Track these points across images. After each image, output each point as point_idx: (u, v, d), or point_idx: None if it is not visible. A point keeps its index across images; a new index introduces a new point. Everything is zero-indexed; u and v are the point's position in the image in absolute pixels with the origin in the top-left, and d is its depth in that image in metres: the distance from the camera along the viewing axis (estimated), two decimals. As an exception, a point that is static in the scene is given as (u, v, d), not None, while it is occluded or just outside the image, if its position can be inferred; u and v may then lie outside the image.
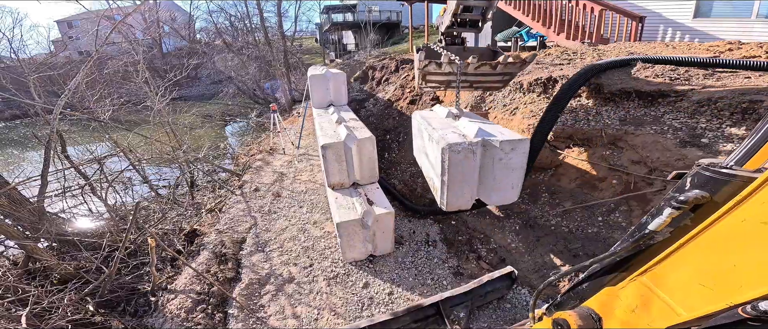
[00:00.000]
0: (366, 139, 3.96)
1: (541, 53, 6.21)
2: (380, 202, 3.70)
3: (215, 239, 4.25)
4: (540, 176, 4.12)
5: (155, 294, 3.48)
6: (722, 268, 0.79)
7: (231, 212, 4.97)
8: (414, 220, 4.58)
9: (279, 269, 3.68)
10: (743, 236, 0.76)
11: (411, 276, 3.55)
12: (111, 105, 6.73)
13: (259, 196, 5.47)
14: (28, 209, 4.31)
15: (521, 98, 4.85)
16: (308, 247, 4.04)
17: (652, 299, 0.96)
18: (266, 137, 9.61)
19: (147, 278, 3.76)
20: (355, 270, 3.63)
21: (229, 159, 9.82)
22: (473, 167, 2.95)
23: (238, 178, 6.57)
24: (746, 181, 0.80)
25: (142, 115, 8.67)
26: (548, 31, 8.26)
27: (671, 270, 0.94)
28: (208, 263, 3.77)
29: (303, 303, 3.21)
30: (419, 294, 3.30)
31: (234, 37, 19.76)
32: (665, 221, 0.94)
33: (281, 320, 3.03)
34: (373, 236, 3.61)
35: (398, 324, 2.77)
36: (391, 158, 6.28)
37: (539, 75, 4.61)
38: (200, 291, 3.37)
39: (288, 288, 3.40)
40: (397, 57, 11.13)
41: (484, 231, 4.14)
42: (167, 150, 6.80)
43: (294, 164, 6.83)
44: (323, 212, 4.84)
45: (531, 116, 4.42)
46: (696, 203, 0.89)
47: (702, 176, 0.90)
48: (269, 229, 4.48)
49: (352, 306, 3.16)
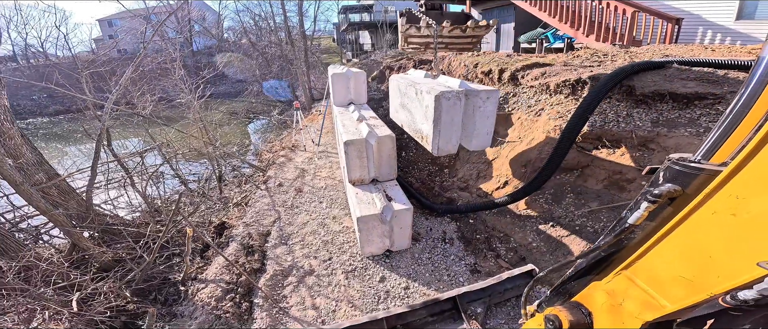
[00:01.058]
0: (386, 137, 4.06)
1: (570, 55, 6.12)
2: (399, 198, 3.79)
3: (243, 231, 4.48)
4: (566, 176, 4.07)
5: (185, 284, 3.64)
6: (699, 260, 0.82)
7: (256, 206, 5.22)
8: (431, 218, 4.64)
9: (300, 261, 3.86)
10: (715, 228, 0.79)
11: (427, 272, 3.62)
12: (151, 101, 7.16)
13: (282, 191, 5.71)
14: (75, 200, 4.71)
15: (548, 100, 4.78)
16: (328, 241, 4.20)
17: (637, 292, 0.99)
18: (288, 135, 9.92)
19: (177, 268, 4.00)
20: (372, 264, 3.74)
21: (253, 155, 10.22)
22: (459, 113, 3.51)
23: (262, 173, 6.85)
24: (713, 174, 0.83)
25: (175, 111, 9.17)
26: (576, 33, 8.04)
27: (653, 263, 0.96)
28: (237, 254, 3.98)
29: (322, 295, 3.35)
30: (435, 289, 3.36)
31: (258, 37, 20.37)
32: (643, 215, 0.96)
33: (301, 310, 3.18)
34: (391, 232, 3.71)
35: (414, 316, 2.82)
36: (408, 157, 6.34)
37: (567, 77, 4.53)
38: (229, 281, 3.55)
39: (308, 280, 3.56)
40: (414, 57, 11.14)
41: (503, 230, 4.13)
42: (199, 146, 7.19)
43: (314, 160, 7.04)
44: (342, 208, 4.99)
45: (557, 117, 4.36)
46: (670, 197, 0.91)
47: (673, 170, 0.93)
48: (292, 223, 4.69)
49: (368, 299, 3.27)
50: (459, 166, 5.65)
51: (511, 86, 5.57)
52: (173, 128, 7.05)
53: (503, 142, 5.15)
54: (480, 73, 6.32)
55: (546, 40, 9.91)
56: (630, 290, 1.01)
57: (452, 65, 7.72)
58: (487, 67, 6.14)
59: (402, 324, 2.77)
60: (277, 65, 17.45)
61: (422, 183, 5.49)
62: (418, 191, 5.20)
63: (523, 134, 4.84)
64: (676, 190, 0.90)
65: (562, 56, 6.23)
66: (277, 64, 17.49)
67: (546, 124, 4.46)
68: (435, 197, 5.09)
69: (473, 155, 5.53)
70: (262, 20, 20.30)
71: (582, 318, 1.14)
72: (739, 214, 0.74)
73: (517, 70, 5.45)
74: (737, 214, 0.74)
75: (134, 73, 5.30)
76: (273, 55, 18.27)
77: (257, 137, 13.89)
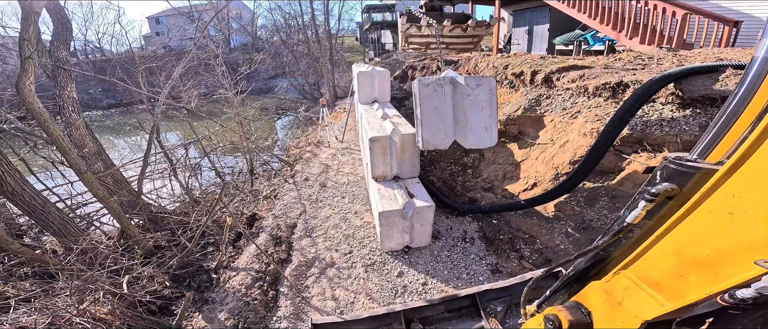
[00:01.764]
0: (410, 134, 4.12)
1: (611, 58, 5.88)
2: (421, 195, 3.84)
3: (272, 223, 4.73)
4: (600, 179, 3.95)
5: (217, 272, 3.86)
6: (698, 258, 0.82)
7: (284, 199, 5.48)
8: (451, 217, 4.64)
9: (323, 254, 4.02)
10: (712, 226, 0.79)
11: (446, 269, 3.65)
12: (196, 96, 7.65)
13: (308, 185, 5.94)
14: (127, 189, 5.18)
15: (585, 102, 4.65)
16: (349, 235, 4.34)
17: (636, 291, 0.99)
18: (313, 131, 10.23)
19: (210, 257, 4.27)
20: (390, 259, 3.83)
21: (280, 150, 10.65)
22: (444, 103, 3.31)
23: (290, 168, 7.15)
24: (709, 173, 0.83)
25: (213, 106, 9.73)
26: (619, 35, 7.65)
27: (651, 262, 0.96)
28: (266, 244, 4.21)
29: (341, 287, 3.48)
30: (453, 286, 3.39)
31: (288, 35, 21.00)
32: (641, 214, 0.97)
33: (322, 301, 3.33)
34: (411, 228, 3.77)
35: (432, 311, 2.85)
36: (430, 156, 6.36)
37: (608, 79, 4.38)
38: (258, 270, 3.75)
39: (329, 272, 3.71)
40: (438, 58, 11.03)
41: (529, 232, 4.07)
42: (235, 140, 7.61)
43: (337, 157, 7.25)
44: (363, 204, 5.11)
45: (595, 120, 4.23)
46: (667, 196, 0.92)
47: (669, 169, 0.94)
48: (316, 216, 4.89)
49: (386, 293, 3.36)
50: (484, 167, 5.60)
51: (545, 88, 5.43)
52: (217, 123, 7.50)
53: (533, 144, 5.06)
54: (510, 75, 6.20)
55: (585, 42, 9.64)
56: (629, 289, 1.01)
57: (479, 66, 7.60)
58: (518, 69, 6.01)
59: (419, 318, 2.83)
60: (305, 63, 17.95)
61: (444, 183, 5.49)
62: (439, 190, 5.21)
63: (556, 137, 4.74)
64: (673, 189, 0.91)
65: (602, 59, 5.99)
66: (304, 62, 17.99)
67: (582, 127, 4.33)
68: (457, 197, 5.08)
69: (499, 156, 5.46)
70: (291, 18, 20.94)
71: (582, 318, 1.15)
72: (735, 213, 0.74)
73: (552, 72, 5.32)
74: (734, 213, 0.74)
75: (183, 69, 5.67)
76: (300, 53, 18.80)
77: (284, 132, 14.40)
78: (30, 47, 3.65)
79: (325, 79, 16.50)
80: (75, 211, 4.95)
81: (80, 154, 4.25)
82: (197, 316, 3.26)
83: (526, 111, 5.30)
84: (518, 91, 6.01)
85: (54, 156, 4.96)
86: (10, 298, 3.05)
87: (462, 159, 5.95)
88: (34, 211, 3.59)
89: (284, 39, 20.73)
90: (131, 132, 15.44)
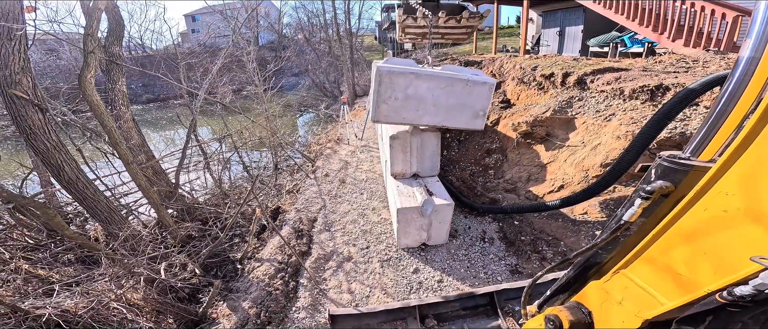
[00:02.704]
0: (431, 133, 4.12)
1: (651, 60, 5.67)
2: (440, 194, 3.84)
3: (294, 216, 4.90)
4: (633, 182, 3.82)
5: (242, 262, 4.03)
6: (695, 257, 0.82)
7: (306, 194, 5.65)
8: (470, 217, 4.60)
9: (341, 248, 4.12)
10: (708, 224, 0.80)
11: (463, 268, 3.64)
12: (230, 91, 7.98)
13: (328, 181, 6.08)
14: (165, 180, 5.50)
15: (620, 105, 4.49)
16: (366, 231, 4.41)
17: (635, 290, 0.99)
18: (333, 128, 10.41)
19: (235, 248, 4.47)
20: (406, 255, 3.86)
21: (301, 146, 10.91)
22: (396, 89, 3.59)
23: (312, 164, 7.34)
24: (702, 170, 0.85)
25: (244, 101, 10.13)
26: (660, 37, 7.23)
27: (650, 261, 0.96)
28: (289, 236, 4.37)
29: (358, 281, 3.56)
30: (470, 285, 3.38)
31: (310, 33, 21.41)
32: (637, 212, 0.98)
33: (338, 293, 3.43)
34: (429, 226, 3.78)
35: (447, 307, 2.82)
36: (450, 155, 6.31)
37: (646, 82, 4.21)
38: (281, 261, 3.90)
39: (346, 266, 3.80)
40: (460, 58, 10.89)
41: (553, 234, 3.97)
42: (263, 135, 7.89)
43: (356, 154, 7.37)
44: (381, 200, 5.18)
45: (631, 123, 4.08)
46: (662, 193, 0.93)
47: (663, 167, 0.95)
48: (335, 211, 5.00)
49: (401, 288, 3.40)
50: (507, 168, 5.51)
51: (577, 90, 5.29)
52: (249, 118, 7.83)
53: (562, 146, 4.93)
54: (539, 76, 6.08)
55: (622, 44, 9.29)
56: (629, 288, 1.01)
57: (505, 67, 7.47)
58: (548, 70, 5.88)
59: (433, 314, 2.83)
60: (326, 61, 18.26)
61: (463, 183, 5.44)
62: (458, 189, 5.18)
63: (587, 139, 4.62)
64: (667, 186, 0.92)
65: (640, 61, 5.73)
66: (325, 60, 18.30)
67: (616, 129, 4.19)
68: (477, 197, 5.02)
69: (524, 157, 5.36)
70: (314, 17, 21.32)
71: (582, 318, 1.15)
72: (730, 210, 0.75)
73: (586, 74, 5.18)
74: (728, 210, 0.75)
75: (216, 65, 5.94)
76: (322, 52, 19.13)
77: (305, 129, 14.72)
78: (92, 42, 3.90)
79: (346, 78, 16.70)
80: (118, 200, 5.30)
81: (127, 146, 4.52)
82: (222, 304, 3.43)
83: (556, 113, 5.17)
84: (547, 92, 5.89)
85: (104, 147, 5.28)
86: (55, 283, 3.29)
87: (484, 160, 5.86)
88: (85, 199, 3.84)
89: (307, 37, 21.16)
90: (167, 126, 16.36)
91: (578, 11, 11.23)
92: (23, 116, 3.32)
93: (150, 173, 5.05)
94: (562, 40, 12.42)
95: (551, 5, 12.39)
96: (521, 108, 6.08)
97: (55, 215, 3.64)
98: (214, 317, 3.29)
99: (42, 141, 3.45)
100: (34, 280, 3.38)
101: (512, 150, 5.58)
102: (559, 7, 12.16)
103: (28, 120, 3.35)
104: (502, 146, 5.85)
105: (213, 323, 3.21)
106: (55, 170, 3.61)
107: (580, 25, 11.45)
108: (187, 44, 33.54)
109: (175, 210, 5.13)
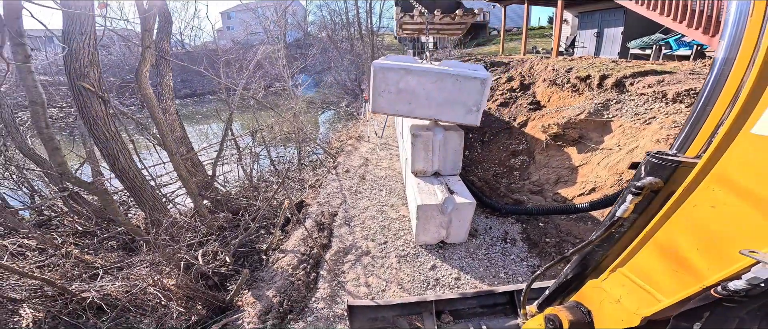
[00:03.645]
0: (454, 132, 4.09)
1: (699, 63, 5.52)
2: (462, 192, 3.81)
3: (317, 210, 5.03)
4: None
5: (268, 253, 4.17)
6: (688, 252, 0.84)
7: (328, 189, 5.79)
8: (492, 217, 4.52)
9: (359, 242, 4.19)
10: (698, 220, 0.82)
11: (482, 267, 3.59)
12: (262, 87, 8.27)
13: (349, 177, 6.19)
14: (202, 172, 5.76)
15: (662, 108, 4.35)
16: (384, 226, 4.46)
17: (633, 288, 0.99)
18: (354, 125, 10.53)
19: (261, 239, 4.60)
20: (424, 252, 3.86)
21: (322, 142, 11.11)
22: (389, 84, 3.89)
23: (333, 160, 7.48)
24: (688, 166, 0.87)
25: (272, 98, 10.47)
26: (712, 40, 6.75)
27: (645, 259, 0.97)
28: (311, 229, 4.49)
29: (374, 275, 3.61)
30: (489, 284, 3.34)
31: (333, 31, 21.69)
32: (629, 208, 1.00)
33: (356, 286, 3.50)
34: (449, 224, 3.75)
35: (464, 304, 2.78)
36: (472, 156, 6.24)
37: (692, 85, 4.06)
38: (303, 253, 4.02)
39: (364, 260, 3.86)
40: (485, 59, 10.64)
41: (581, 237, 3.85)
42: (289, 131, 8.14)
43: (376, 151, 7.44)
44: (399, 198, 5.21)
45: (673, 127, 3.94)
46: (652, 189, 0.95)
47: (652, 163, 0.97)
48: (355, 206, 5.09)
49: (418, 284, 3.41)
50: (533, 170, 5.39)
51: (615, 92, 5.14)
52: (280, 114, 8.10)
53: (596, 148, 4.76)
54: (574, 78, 5.96)
55: (666, 46, 8.89)
56: (626, 286, 1.02)
57: (535, 69, 7.31)
58: (584, 72, 5.77)
59: (450, 310, 2.81)
60: (348, 59, 18.44)
61: (486, 183, 5.35)
62: (479, 190, 5.11)
63: (623, 142, 4.48)
64: (656, 182, 0.94)
65: (687, 64, 5.53)
66: (347, 59, 18.49)
67: (656, 133, 4.03)
68: (500, 198, 4.94)
69: (553, 159, 5.22)
70: (337, 15, 21.58)
71: (582, 317, 1.15)
72: (718, 206, 0.77)
73: (625, 76, 5.04)
74: (716, 206, 0.78)
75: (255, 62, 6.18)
76: (344, 50, 19.33)
77: (326, 126, 14.95)
78: (149, 38, 4.15)
79: (366, 76, 16.74)
80: (160, 189, 5.62)
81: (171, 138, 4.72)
82: (247, 293, 3.58)
83: (591, 115, 5.08)
84: (582, 94, 5.81)
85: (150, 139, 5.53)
86: (99, 268, 3.53)
87: (509, 161, 5.74)
88: (134, 188, 4.05)
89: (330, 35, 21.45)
90: (202, 120, 17.18)
91: (618, 12, 10.96)
92: (88, 107, 3.51)
93: (189, 165, 5.28)
94: (599, 42, 12.16)
95: (589, 6, 12.11)
96: (552, 110, 5.98)
97: (113, 202, 3.89)
98: (239, 305, 3.43)
99: (102, 131, 3.66)
100: (81, 264, 3.65)
101: (540, 152, 5.48)
102: (597, 8, 11.86)
103: (92, 110, 3.54)
104: (530, 148, 5.72)
105: (238, 310, 3.35)
106: (111, 158, 3.81)
107: (620, 26, 11.17)
108: (222, 41, 34.99)
109: (209, 201, 5.39)
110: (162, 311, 3.16)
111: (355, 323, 2.81)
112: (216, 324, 3.16)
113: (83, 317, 3.00)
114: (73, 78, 3.39)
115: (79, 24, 3.27)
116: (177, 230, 3.76)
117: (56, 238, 4.10)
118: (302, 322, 3.10)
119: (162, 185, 5.73)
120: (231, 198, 5.39)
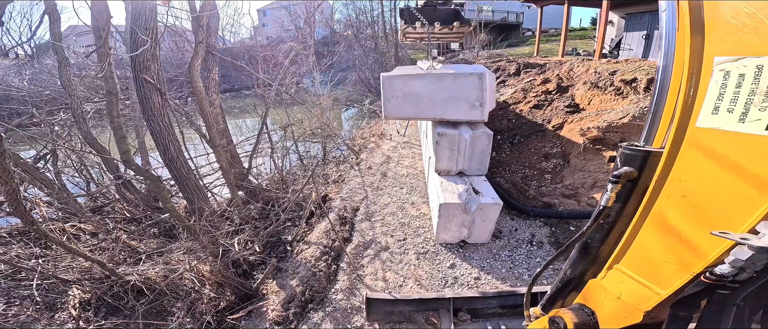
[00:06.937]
0: (481, 132, 4.01)
1: None
2: (487, 193, 3.72)
3: (339, 205, 5.14)
4: None
5: (293, 244, 4.31)
6: (672, 242, 0.86)
7: (350, 184, 5.89)
8: (517, 219, 4.38)
9: (379, 237, 4.23)
10: (673, 210, 0.86)
11: (504, 268, 3.50)
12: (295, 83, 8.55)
13: (371, 173, 6.25)
14: (239, 164, 6.03)
15: None
16: (404, 223, 4.46)
17: (631, 283, 1.00)
18: (377, 123, 10.57)
19: (287, 231, 4.72)
20: (444, 250, 3.82)
21: (344, 139, 11.23)
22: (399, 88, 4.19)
23: (356, 156, 7.58)
24: (657, 155, 0.92)
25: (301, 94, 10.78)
26: None
27: (637, 253, 1.00)
28: (334, 223, 4.58)
29: (392, 270, 3.63)
30: (510, 285, 3.24)
31: (358, 29, 21.78)
32: (611, 197, 1.04)
33: (374, 280, 3.53)
34: (472, 223, 3.68)
35: (483, 303, 2.75)
36: (500, 158, 6.07)
37: None
38: (326, 245, 4.12)
39: (383, 255, 3.89)
40: (518, 60, 10.22)
41: None
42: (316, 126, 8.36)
43: (398, 149, 7.46)
44: (420, 196, 5.18)
45: None
46: (627, 178, 1.00)
47: (625, 154, 1.03)
48: (376, 202, 5.13)
49: (436, 281, 3.38)
50: (567, 173, 5.16)
51: None
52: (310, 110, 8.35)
53: None
54: (618, 81, 5.75)
55: None
56: (624, 282, 1.03)
57: (575, 71, 7.03)
58: (630, 75, 5.57)
59: (468, 308, 2.77)
60: (372, 58, 18.46)
61: (513, 185, 5.19)
62: (506, 191, 4.97)
63: None
64: (631, 171, 0.99)
65: None
66: (371, 57, 18.52)
67: None
68: (528, 201, 4.77)
69: (590, 163, 5.00)
70: (362, 13, 21.59)
71: (586, 319, 1.16)
72: (687, 195, 0.82)
73: None
74: (686, 195, 0.82)
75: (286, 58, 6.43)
76: (369, 48, 19.34)
77: (349, 123, 15.03)
78: (202, 33, 4.37)
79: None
80: (202, 179, 5.91)
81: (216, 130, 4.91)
82: (272, 282, 3.72)
83: (636, 119, 4.90)
84: (626, 98, 5.62)
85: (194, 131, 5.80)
86: (142, 253, 3.77)
87: (540, 164, 5.52)
88: (180, 177, 4.24)
89: (355, 33, 21.52)
90: (238, 115, 17.97)
91: (670, 13, 10.25)
92: (148, 98, 3.70)
93: (228, 157, 5.55)
94: (648, 45, 11.52)
95: (637, 7, 11.54)
96: (592, 113, 5.76)
97: (165, 189, 4.14)
98: (264, 292, 3.58)
99: (157, 122, 3.85)
100: (127, 249, 3.94)
101: (577, 155, 5.27)
102: (647, 9, 11.25)
103: (151, 102, 3.73)
104: (564, 151, 5.49)
105: (262, 298, 3.50)
106: (162, 148, 4.01)
107: (673, 28, 10.44)
108: (259, 38, 36.32)
109: (244, 192, 5.64)
110: (194, 296, 3.32)
111: (372, 315, 2.86)
112: (242, 310, 3.32)
113: (124, 299, 3.21)
114: (137, 70, 3.56)
115: (143, 19, 3.44)
116: (216, 218, 3.95)
117: (108, 224, 4.47)
118: (321, 312, 3.18)
119: (202, 177, 6.03)
120: (263, 190, 5.61)
